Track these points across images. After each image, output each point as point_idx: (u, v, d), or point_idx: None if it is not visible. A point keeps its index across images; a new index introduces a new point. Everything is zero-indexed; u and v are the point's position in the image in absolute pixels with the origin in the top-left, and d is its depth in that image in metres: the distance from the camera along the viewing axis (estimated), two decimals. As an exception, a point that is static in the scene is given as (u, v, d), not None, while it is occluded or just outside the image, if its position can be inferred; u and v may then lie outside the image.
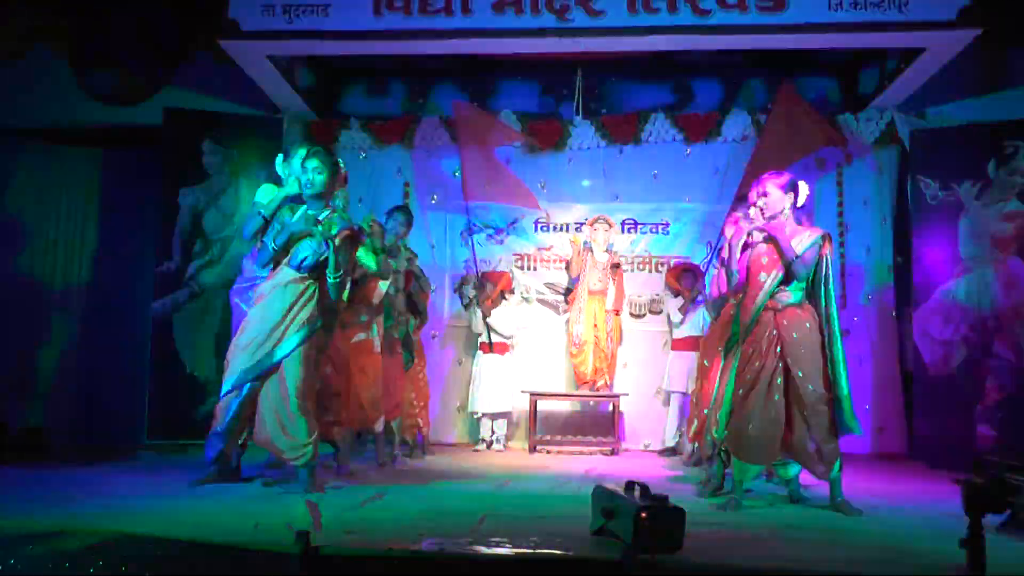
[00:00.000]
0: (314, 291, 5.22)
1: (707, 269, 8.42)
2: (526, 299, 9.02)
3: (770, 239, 5.07)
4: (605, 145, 9.01)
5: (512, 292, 8.74)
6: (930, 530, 4.34)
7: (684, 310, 8.23)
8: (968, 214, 7.75)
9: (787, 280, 5.04)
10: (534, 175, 9.00)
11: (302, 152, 5.40)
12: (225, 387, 5.14)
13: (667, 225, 9.03)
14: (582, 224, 8.84)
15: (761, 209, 5.16)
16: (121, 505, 4.57)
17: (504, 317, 8.46)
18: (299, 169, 5.30)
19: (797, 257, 4.96)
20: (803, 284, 5.08)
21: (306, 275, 5.20)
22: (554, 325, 9.00)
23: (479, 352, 8.49)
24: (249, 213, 5.41)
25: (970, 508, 2.95)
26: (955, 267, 7.77)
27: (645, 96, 9.13)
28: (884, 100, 8.41)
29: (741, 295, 5.29)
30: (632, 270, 8.98)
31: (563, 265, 8.90)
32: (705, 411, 6.00)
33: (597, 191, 9.09)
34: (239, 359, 5.12)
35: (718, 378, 5.57)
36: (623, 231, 9.00)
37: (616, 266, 8.56)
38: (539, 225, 9.11)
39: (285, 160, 5.65)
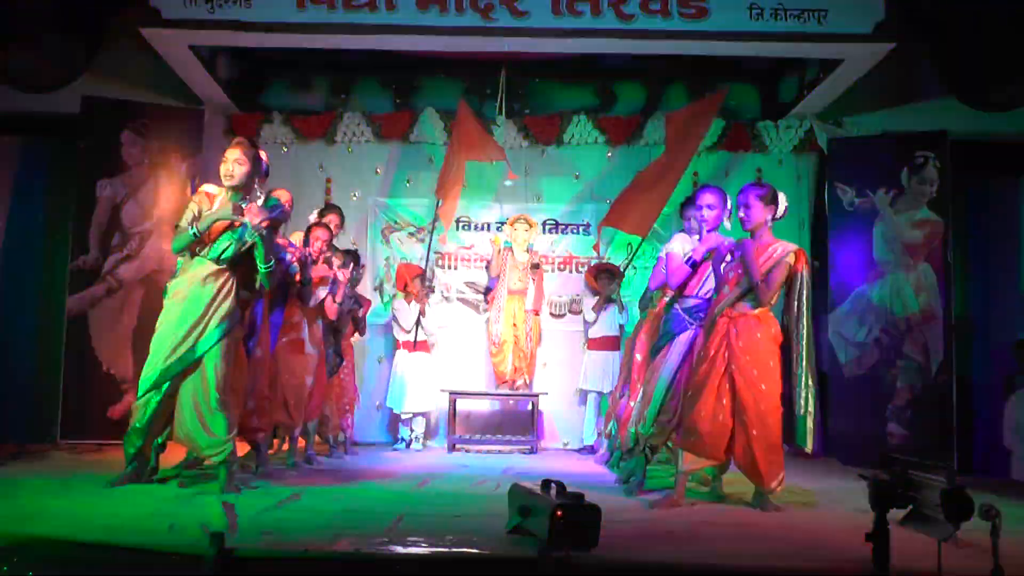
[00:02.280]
0: (233, 283, 5.17)
1: (626, 270, 8.51)
2: (446, 298, 9.00)
3: (741, 259, 5.05)
4: (528, 145, 9.05)
5: (432, 291, 8.71)
6: (840, 524, 4.46)
7: (597, 308, 8.33)
8: (882, 221, 7.96)
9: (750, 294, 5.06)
10: (487, 179, 9.02)
11: None
12: (144, 384, 5.06)
13: (588, 226, 9.09)
14: (503, 224, 8.87)
15: (742, 220, 5.16)
16: (32, 506, 4.46)
17: (406, 311, 8.41)
18: None
19: (761, 282, 4.95)
20: (767, 301, 5.06)
21: (225, 268, 5.13)
22: (474, 324, 9.01)
23: (400, 351, 8.45)
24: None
25: (876, 503, 3.03)
26: (869, 271, 7.98)
27: (568, 98, 9.19)
28: (803, 108, 8.61)
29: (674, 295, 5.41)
30: (552, 270, 9.03)
31: (483, 264, 8.92)
32: (632, 403, 6.03)
33: (519, 191, 9.10)
34: (159, 356, 5.04)
35: (648, 375, 5.65)
36: (544, 231, 9.05)
37: (536, 266, 8.60)
38: (460, 224, 9.10)
39: None
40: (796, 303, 5.09)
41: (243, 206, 5.13)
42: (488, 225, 9.15)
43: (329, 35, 7.37)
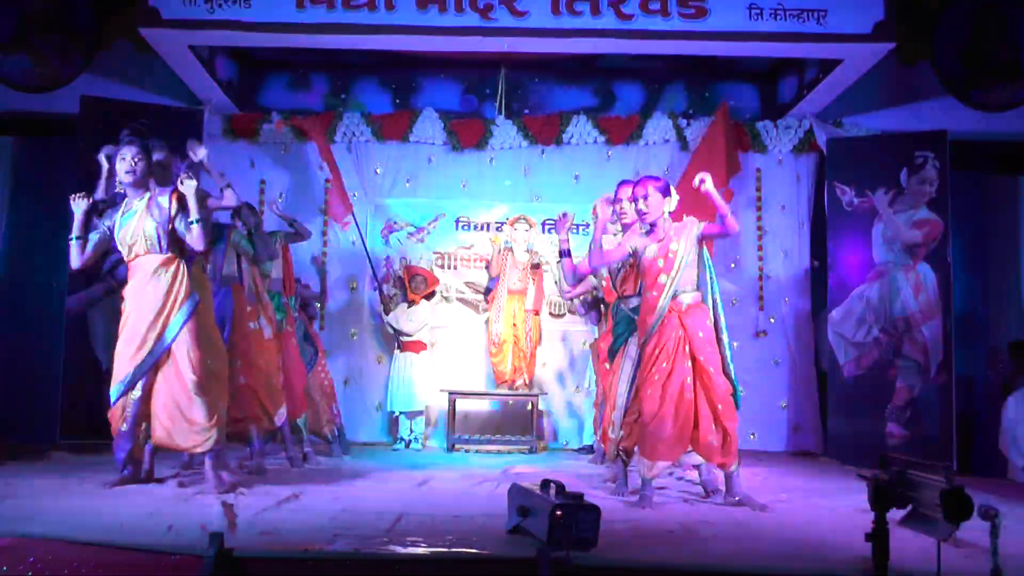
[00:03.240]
0: (183, 268, 5.19)
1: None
2: (446, 298, 8.99)
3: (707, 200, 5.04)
4: (527, 145, 9.03)
5: (434, 294, 8.70)
6: (839, 525, 4.45)
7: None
8: (882, 220, 7.96)
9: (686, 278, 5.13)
10: (456, 174, 9.00)
11: None
12: (118, 389, 5.08)
13: (587, 226, 9.07)
14: (503, 224, 8.87)
15: (641, 212, 5.20)
16: (31, 506, 4.46)
17: (411, 315, 8.40)
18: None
19: (728, 213, 4.99)
20: (699, 282, 5.18)
21: (169, 254, 5.16)
22: (473, 324, 9.00)
23: (397, 350, 8.45)
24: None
25: (875, 503, 3.03)
26: (868, 271, 7.98)
27: (567, 98, 9.19)
28: (802, 108, 8.60)
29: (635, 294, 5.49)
30: (552, 270, 9.02)
31: (483, 264, 8.91)
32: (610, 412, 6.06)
33: (518, 191, 9.11)
34: (127, 356, 5.08)
35: (611, 380, 5.69)
36: (544, 231, 9.02)
37: (536, 266, 8.60)
38: (460, 224, 9.09)
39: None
40: (710, 283, 5.23)
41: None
42: (488, 225, 9.14)
43: (328, 35, 7.36)
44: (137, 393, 5.06)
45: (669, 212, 5.20)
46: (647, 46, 7.52)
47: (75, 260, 5.30)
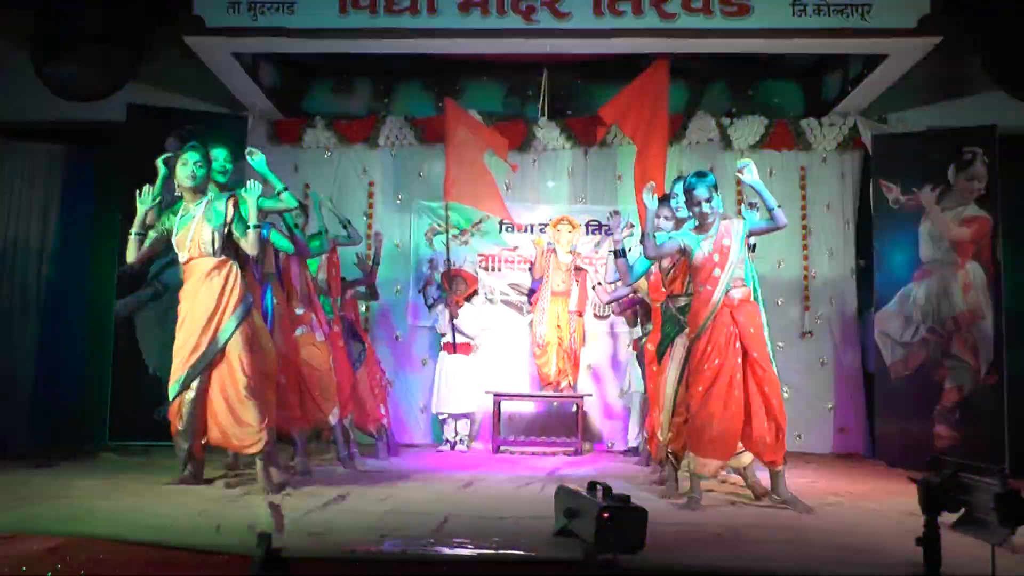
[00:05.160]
0: (237, 271, 5.33)
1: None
2: (490, 300, 9.00)
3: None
4: (570, 147, 9.04)
5: (476, 293, 8.71)
6: (888, 528, 4.40)
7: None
8: (928, 218, 7.85)
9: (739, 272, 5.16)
10: (499, 176, 9.01)
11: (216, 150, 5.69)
12: (174, 389, 5.24)
13: (631, 227, 9.03)
14: (546, 225, 8.86)
15: (704, 215, 5.16)
16: (82, 507, 4.54)
17: (468, 318, 8.44)
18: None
19: (776, 206, 5.03)
20: (749, 278, 5.22)
21: (223, 258, 5.28)
22: (518, 326, 9.00)
23: (443, 353, 8.48)
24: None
25: (926, 506, 2.99)
26: (915, 270, 7.88)
27: (611, 98, 9.14)
28: (847, 105, 8.50)
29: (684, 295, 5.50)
30: (596, 272, 9.00)
31: (527, 266, 8.91)
32: (656, 414, 6.03)
33: (562, 192, 9.12)
34: (183, 357, 5.23)
35: (658, 382, 5.67)
36: (587, 233, 9.02)
37: (580, 268, 8.58)
38: (503, 226, 9.09)
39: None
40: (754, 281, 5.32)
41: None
42: (531, 227, 9.13)
43: (371, 39, 7.40)
44: (192, 394, 5.20)
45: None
46: (690, 45, 7.47)
47: (131, 255, 5.44)
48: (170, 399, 5.26)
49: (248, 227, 5.24)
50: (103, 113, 8.16)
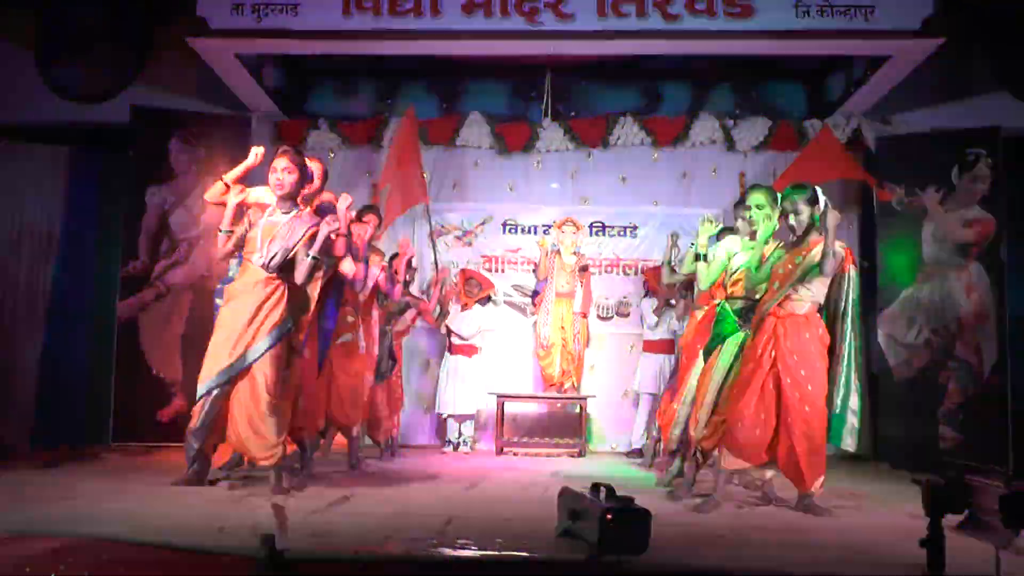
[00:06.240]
0: (283, 292, 5.23)
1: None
2: (493, 301, 9.00)
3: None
4: (573, 148, 9.03)
5: (490, 299, 8.71)
6: (892, 530, 4.39)
7: (659, 312, 8.24)
8: (932, 220, 7.85)
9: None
10: (502, 177, 9.02)
11: None
12: (201, 389, 5.18)
13: (635, 228, 9.07)
14: (550, 226, 8.87)
15: (792, 227, 5.07)
16: (85, 508, 4.53)
17: (466, 319, 8.45)
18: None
19: (831, 254, 4.89)
20: (816, 296, 5.04)
21: (274, 275, 5.21)
22: (521, 327, 9.01)
23: (447, 354, 8.49)
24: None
25: (930, 508, 2.99)
26: (919, 272, 7.87)
27: (614, 100, 9.15)
28: (851, 106, 8.50)
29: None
30: (599, 273, 9.00)
31: (531, 267, 8.92)
32: (675, 405, 5.98)
33: (565, 194, 9.12)
34: (214, 360, 5.17)
35: (697, 377, 5.61)
36: (591, 234, 9.02)
37: (584, 269, 8.58)
38: (507, 227, 9.10)
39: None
40: (844, 303, 5.06)
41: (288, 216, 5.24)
42: (535, 228, 9.14)
43: (375, 41, 7.43)
44: (215, 395, 5.16)
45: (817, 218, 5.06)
46: (693, 46, 7.50)
47: (221, 252, 5.44)
48: (197, 397, 5.19)
49: (308, 256, 5.20)
50: (107, 115, 8.20)
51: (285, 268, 5.23)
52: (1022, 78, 7.74)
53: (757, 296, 5.29)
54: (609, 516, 3.38)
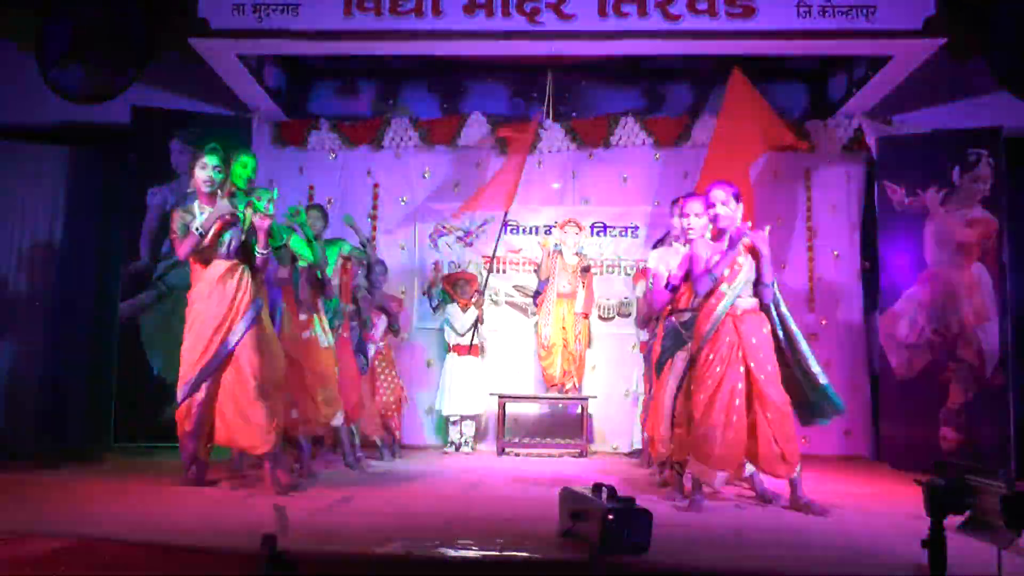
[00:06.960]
0: (249, 275, 5.37)
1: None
2: (495, 302, 9.00)
3: (754, 254, 5.08)
4: (575, 148, 9.03)
5: (479, 292, 8.70)
6: (893, 531, 4.39)
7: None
8: (933, 220, 7.83)
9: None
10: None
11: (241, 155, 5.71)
12: (184, 391, 5.27)
13: (636, 229, 9.06)
14: (552, 227, 8.86)
15: (715, 218, 5.12)
16: (86, 508, 4.54)
17: (462, 316, 8.45)
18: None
19: (771, 283, 5.06)
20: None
21: (237, 262, 5.35)
22: (523, 328, 9.00)
23: (448, 354, 8.49)
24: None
25: (931, 509, 2.99)
26: (920, 272, 7.86)
27: (615, 100, 9.15)
28: (852, 107, 8.48)
29: (693, 306, 5.35)
30: (601, 273, 8.99)
31: (532, 268, 8.91)
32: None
33: (567, 194, 9.12)
34: (193, 359, 5.26)
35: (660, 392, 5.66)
36: (592, 234, 9.01)
37: (586, 269, 8.56)
38: (508, 227, 9.09)
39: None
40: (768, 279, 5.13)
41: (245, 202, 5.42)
42: (536, 228, 9.13)
43: (376, 41, 7.42)
44: (201, 395, 5.24)
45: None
46: (695, 46, 7.48)
47: (186, 249, 5.39)
48: (179, 401, 5.27)
49: (258, 254, 5.35)
50: (108, 115, 8.18)
51: (242, 251, 5.37)
52: (1022, 77, 7.72)
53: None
54: (611, 516, 3.38)
